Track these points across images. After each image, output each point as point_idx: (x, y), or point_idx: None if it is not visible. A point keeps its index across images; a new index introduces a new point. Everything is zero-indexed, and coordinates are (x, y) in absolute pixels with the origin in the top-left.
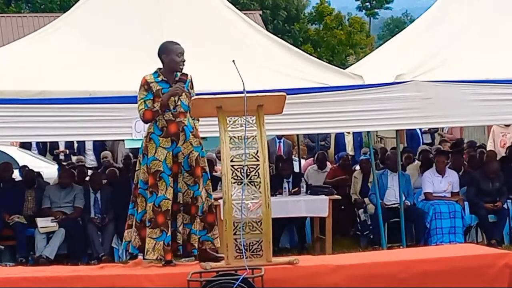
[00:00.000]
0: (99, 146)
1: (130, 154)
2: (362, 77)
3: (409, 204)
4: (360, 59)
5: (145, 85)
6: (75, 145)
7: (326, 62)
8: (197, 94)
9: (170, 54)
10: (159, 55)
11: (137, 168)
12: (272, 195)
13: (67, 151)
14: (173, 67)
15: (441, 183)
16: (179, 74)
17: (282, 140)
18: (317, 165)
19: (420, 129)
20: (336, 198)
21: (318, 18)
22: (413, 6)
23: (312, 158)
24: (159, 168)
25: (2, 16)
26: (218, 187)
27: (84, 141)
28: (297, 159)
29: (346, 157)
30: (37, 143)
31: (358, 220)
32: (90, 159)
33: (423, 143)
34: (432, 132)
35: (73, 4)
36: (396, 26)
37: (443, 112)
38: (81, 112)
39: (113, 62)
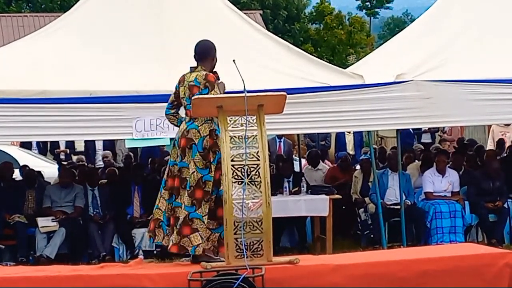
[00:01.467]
0: (108, 146)
1: (131, 154)
2: (363, 77)
3: (409, 203)
4: (361, 58)
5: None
6: (77, 144)
7: (327, 62)
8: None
9: (216, 54)
10: (211, 53)
11: (192, 169)
12: (272, 195)
13: (68, 151)
14: (214, 67)
15: (442, 182)
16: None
17: (282, 140)
18: (310, 163)
19: (420, 128)
20: (337, 198)
21: (319, 18)
22: (414, 6)
23: None
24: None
25: (2, 16)
26: None
27: (93, 141)
28: (298, 158)
29: (345, 158)
30: (38, 142)
31: (359, 220)
32: (98, 159)
33: (420, 142)
34: (432, 131)
35: (74, 4)
36: (396, 26)
37: (443, 112)
38: (81, 112)
39: (114, 62)
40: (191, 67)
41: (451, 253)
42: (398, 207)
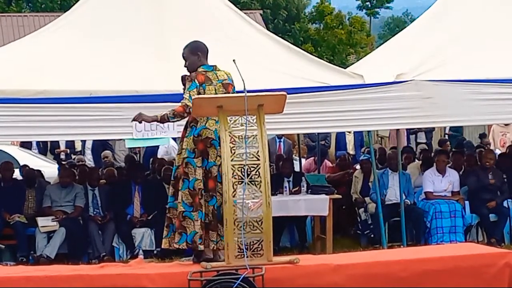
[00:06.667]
0: (98, 146)
1: (131, 154)
2: (363, 77)
3: (409, 203)
4: (361, 58)
5: None
6: (76, 144)
7: (327, 62)
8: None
9: None
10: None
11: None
12: (272, 195)
13: (68, 151)
14: None
15: (442, 182)
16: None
17: (282, 140)
18: None
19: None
20: (337, 198)
21: (319, 18)
22: (414, 6)
23: (312, 158)
24: None
25: (2, 16)
26: None
27: (85, 141)
28: (298, 158)
29: (344, 157)
30: (38, 142)
31: (359, 220)
32: (87, 159)
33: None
34: (426, 131)
35: (74, 4)
36: (396, 26)
37: (443, 112)
38: (81, 112)
39: (114, 62)
40: (210, 66)
41: (451, 253)
42: (398, 206)
